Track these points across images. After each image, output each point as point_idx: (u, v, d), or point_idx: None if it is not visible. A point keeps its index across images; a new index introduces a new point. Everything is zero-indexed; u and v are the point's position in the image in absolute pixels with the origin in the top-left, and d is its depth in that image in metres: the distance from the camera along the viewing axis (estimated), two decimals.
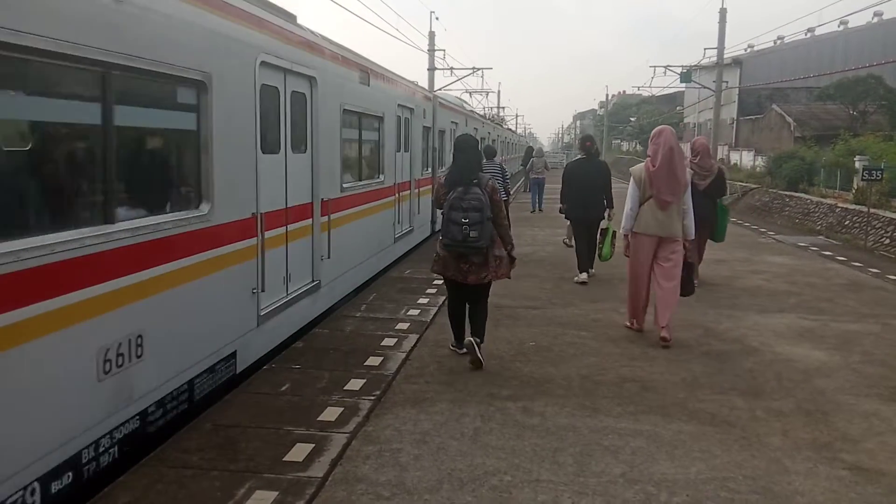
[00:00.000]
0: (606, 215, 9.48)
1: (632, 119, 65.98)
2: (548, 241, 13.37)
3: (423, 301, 8.06)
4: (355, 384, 5.25)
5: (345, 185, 7.88)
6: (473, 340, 5.76)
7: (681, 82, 36.56)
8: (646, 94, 53.69)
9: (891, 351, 6.48)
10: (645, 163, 6.80)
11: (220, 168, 4.90)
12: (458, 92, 33.88)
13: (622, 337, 6.76)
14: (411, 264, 10.60)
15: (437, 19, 34.40)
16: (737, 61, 39.48)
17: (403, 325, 6.96)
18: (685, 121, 52.44)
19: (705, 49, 32.59)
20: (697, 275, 9.47)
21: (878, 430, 4.64)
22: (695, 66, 35.59)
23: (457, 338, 6.10)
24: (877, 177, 15.17)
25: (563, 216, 10.54)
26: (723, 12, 31.03)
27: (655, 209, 6.60)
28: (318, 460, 4.00)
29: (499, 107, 66.58)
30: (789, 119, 32.72)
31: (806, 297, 8.82)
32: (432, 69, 33.14)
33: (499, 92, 65.69)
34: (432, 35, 33.44)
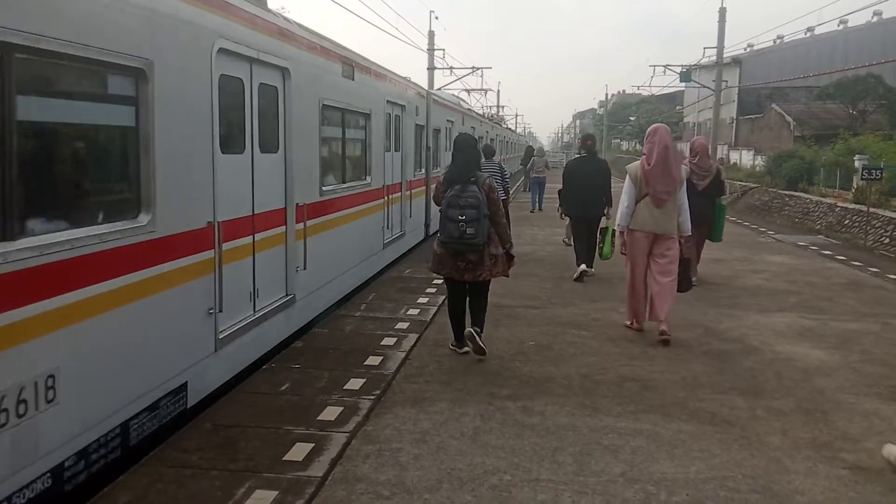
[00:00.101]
0: (606, 213, 9.50)
1: (631, 118, 65.97)
2: (547, 240, 13.37)
3: (422, 300, 8.06)
4: (355, 384, 5.25)
5: (325, 188, 7.26)
6: (473, 330, 5.85)
7: (680, 81, 36.63)
8: (645, 93, 53.78)
9: (890, 350, 6.48)
10: (640, 161, 6.89)
11: (165, 171, 4.23)
12: (457, 91, 33.85)
13: (622, 336, 6.76)
14: (411, 264, 10.60)
15: (437, 18, 34.56)
16: (736, 60, 39.51)
17: (403, 325, 6.96)
18: (685, 120, 52.46)
19: (705, 48, 32.64)
20: (696, 272, 9.51)
21: (877, 429, 4.63)
22: (694, 65, 35.61)
23: (456, 337, 6.12)
24: (876, 176, 15.18)
25: (560, 216, 10.62)
26: (722, 11, 31.05)
27: (651, 206, 6.69)
28: (317, 460, 4.00)
29: (498, 106, 66.61)
30: (789, 118, 32.74)
31: (806, 296, 8.82)
32: (432, 68, 33.19)
33: (498, 91, 65.69)
34: (432, 34, 33.49)
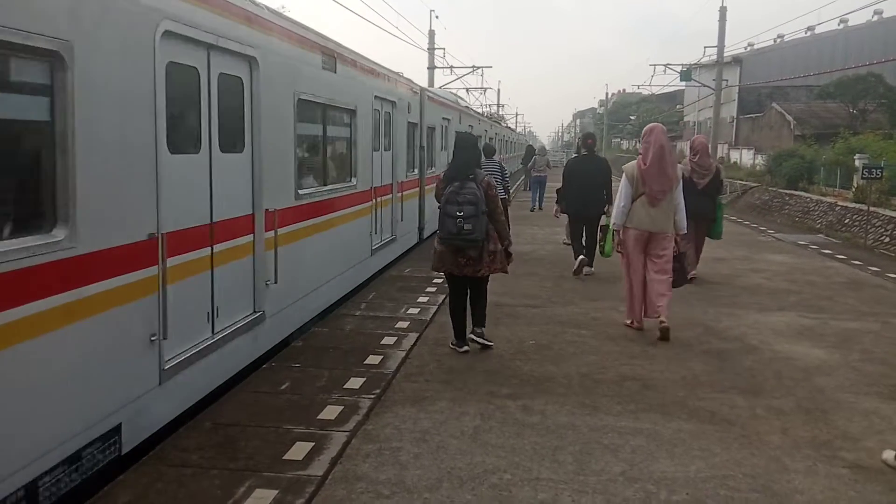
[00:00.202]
0: (606, 211, 9.52)
1: (632, 118, 66.00)
2: (547, 239, 13.37)
3: (422, 300, 8.05)
4: (355, 383, 5.25)
5: (301, 191, 6.62)
6: (475, 333, 6.14)
7: (681, 81, 36.63)
8: (646, 92, 53.75)
9: (890, 349, 6.48)
10: (637, 160, 6.97)
11: (88, 175, 3.54)
12: (456, 89, 33.83)
13: (622, 335, 6.76)
14: (411, 263, 10.60)
15: (437, 18, 34.56)
16: (737, 60, 39.53)
17: (403, 324, 6.96)
18: (685, 119, 52.49)
19: (705, 47, 32.68)
20: (695, 266, 9.54)
21: (877, 428, 4.63)
22: (695, 64, 35.64)
23: (456, 334, 6.16)
24: (876, 175, 15.18)
25: (555, 214, 10.69)
26: (723, 10, 31.05)
27: (647, 205, 6.76)
28: (317, 459, 4.00)
29: (498, 104, 66.61)
30: (789, 117, 32.74)
31: (806, 295, 8.82)
32: (432, 68, 33.25)
33: (498, 90, 65.82)
34: (432, 34, 33.55)
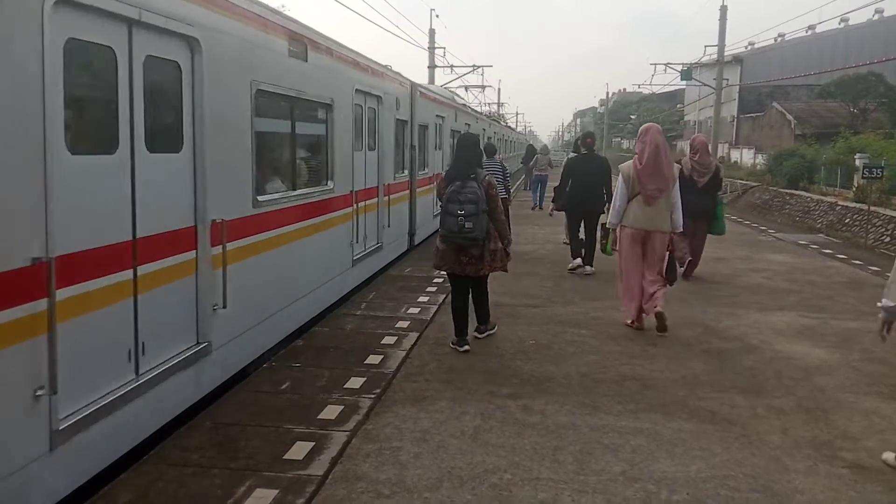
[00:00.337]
0: (606, 210, 9.55)
1: (632, 117, 66.00)
2: (548, 239, 13.37)
3: (423, 299, 8.05)
4: (355, 382, 5.25)
5: (262, 197, 5.75)
6: (478, 332, 6.45)
7: (681, 80, 36.67)
8: (646, 91, 53.77)
9: (891, 349, 6.46)
10: (633, 160, 7.00)
11: None
12: (455, 87, 33.81)
13: (622, 335, 6.76)
14: (411, 263, 10.60)
15: (438, 17, 34.60)
16: (737, 59, 39.52)
17: (403, 324, 6.96)
18: (686, 118, 52.49)
19: (706, 46, 32.72)
20: (695, 265, 9.60)
21: (878, 427, 4.64)
22: (695, 63, 35.64)
23: (458, 332, 6.19)
24: (877, 174, 15.18)
25: (549, 212, 10.79)
26: (723, 10, 31.07)
27: (643, 204, 6.80)
28: (318, 458, 4.00)
29: (498, 103, 66.60)
30: (790, 117, 32.74)
31: (806, 294, 8.82)
32: (432, 67, 33.24)
33: (499, 89, 65.84)
34: (432, 33, 33.56)
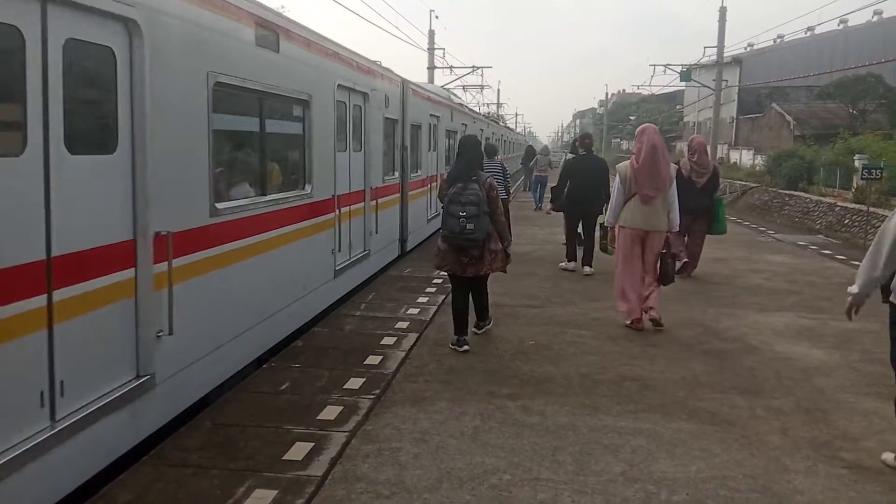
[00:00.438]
0: (604, 210, 9.58)
1: (631, 118, 66.01)
2: (547, 239, 13.36)
3: (422, 300, 8.05)
4: (355, 383, 5.25)
5: (221, 204, 5.00)
6: (477, 328, 6.57)
7: (680, 81, 36.67)
8: (645, 92, 53.79)
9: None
10: (630, 160, 7.04)
11: None
12: (453, 86, 33.81)
13: (622, 336, 6.76)
14: (411, 263, 10.60)
15: (437, 18, 34.58)
16: (737, 60, 39.54)
17: (403, 324, 6.96)
18: (685, 119, 52.51)
19: (705, 48, 32.74)
20: (694, 266, 9.62)
21: (877, 428, 4.63)
22: (695, 64, 35.67)
23: (457, 331, 6.23)
24: (876, 175, 15.19)
25: (547, 212, 10.83)
26: (723, 11, 31.08)
27: (640, 204, 6.85)
28: (317, 459, 4.00)
29: (498, 104, 66.63)
30: (789, 118, 32.76)
31: (805, 295, 8.82)
32: (432, 67, 33.25)
33: (498, 90, 65.85)
34: (432, 33, 33.57)
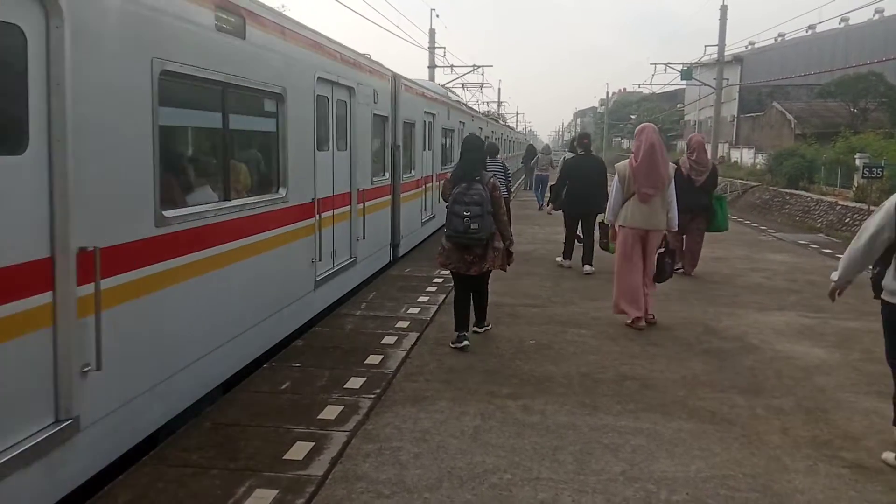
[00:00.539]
0: (604, 209, 9.61)
1: (632, 117, 65.98)
2: (548, 239, 13.36)
3: (423, 299, 8.05)
4: (355, 382, 5.25)
5: (171, 212, 4.32)
6: (477, 328, 6.60)
7: (681, 80, 36.67)
8: (646, 91, 53.73)
9: None
10: (629, 159, 7.06)
11: None
12: (451, 84, 33.78)
13: (622, 335, 6.76)
14: (411, 263, 10.60)
15: (438, 17, 34.60)
16: (737, 58, 39.50)
17: (403, 324, 6.96)
18: (686, 118, 52.47)
19: (706, 46, 32.72)
20: (694, 265, 9.63)
21: (878, 427, 4.63)
22: (695, 63, 35.65)
23: (458, 327, 6.30)
24: (877, 174, 15.19)
25: (550, 211, 10.86)
26: (723, 9, 31.06)
27: (640, 203, 6.87)
28: (317, 459, 4.00)
29: (498, 102, 66.62)
30: (790, 116, 32.72)
31: (806, 294, 8.81)
32: (433, 66, 33.24)
33: (499, 89, 65.87)
34: (433, 32, 33.57)
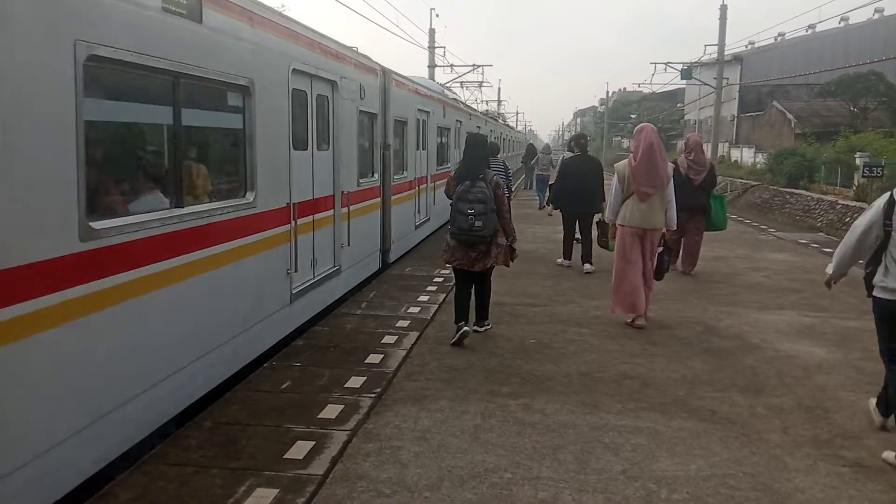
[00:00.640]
0: (602, 209, 9.64)
1: (632, 116, 65.96)
2: (548, 238, 13.35)
3: (423, 299, 8.05)
4: (356, 382, 5.25)
5: (101, 223, 3.68)
6: (478, 327, 6.60)
7: (681, 79, 36.64)
8: (646, 90, 53.70)
9: None
10: (628, 158, 7.08)
11: None
12: (450, 83, 33.75)
13: (622, 334, 6.76)
14: (412, 262, 10.60)
15: (438, 16, 34.52)
16: (737, 58, 39.49)
17: (404, 323, 6.96)
18: (686, 118, 52.46)
19: (706, 46, 32.75)
20: (693, 264, 9.65)
21: (878, 426, 4.63)
22: (695, 62, 35.65)
23: (458, 318, 6.35)
24: (877, 173, 15.22)
25: (551, 212, 10.94)
26: (723, 9, 31.05)
27: (639, 202, 6.89)
28: (318, 458, 4.00)
29: (498, 101, 66.61)
30: (790, 116, 32.71)
31: (807, 293, 8.81)
32: (433, 66, 33.21)
33: (499, 88, 65.86)
34: (432, 32, 33.54)
